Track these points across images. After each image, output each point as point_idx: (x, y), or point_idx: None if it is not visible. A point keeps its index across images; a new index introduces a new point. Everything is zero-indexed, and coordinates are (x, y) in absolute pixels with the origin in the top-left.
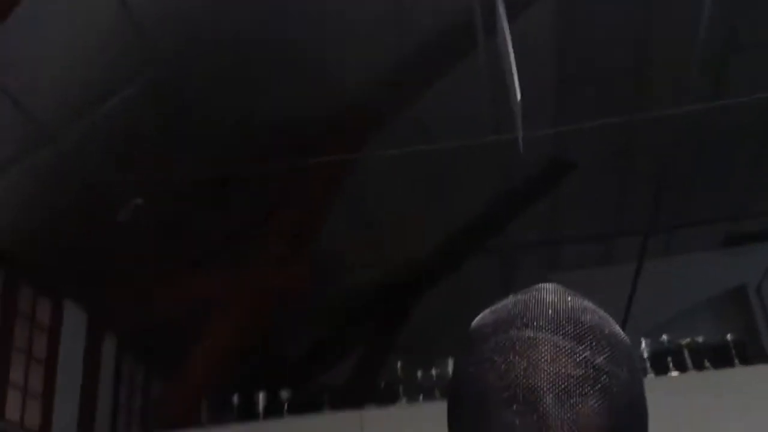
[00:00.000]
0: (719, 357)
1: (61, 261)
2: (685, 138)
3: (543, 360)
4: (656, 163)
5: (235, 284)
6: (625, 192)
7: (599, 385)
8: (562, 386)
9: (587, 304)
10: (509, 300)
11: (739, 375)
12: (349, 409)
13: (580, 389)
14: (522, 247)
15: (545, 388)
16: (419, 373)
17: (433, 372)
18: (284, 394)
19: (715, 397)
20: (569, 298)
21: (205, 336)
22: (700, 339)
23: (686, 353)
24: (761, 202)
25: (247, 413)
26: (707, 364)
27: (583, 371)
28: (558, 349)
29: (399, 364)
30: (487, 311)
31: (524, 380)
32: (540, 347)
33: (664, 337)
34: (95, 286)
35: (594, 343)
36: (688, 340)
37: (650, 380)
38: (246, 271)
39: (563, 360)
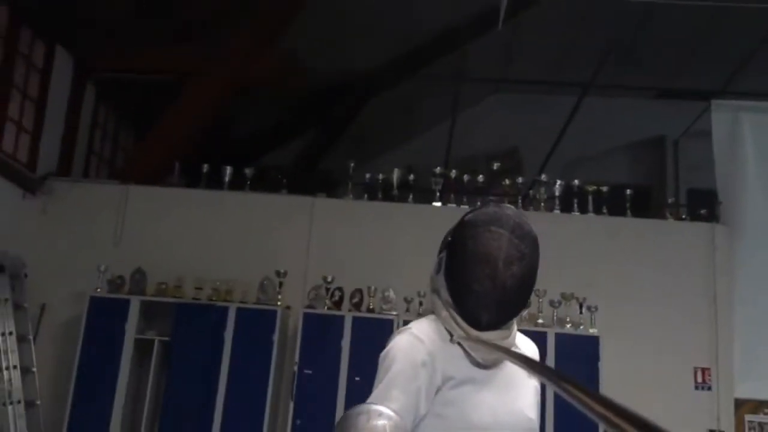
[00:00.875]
0: (616, 205)
1: (57, 7)
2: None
3: (510, 246)
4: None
5: (208, 62)
6: (575, 43)
7: (524, 258)
8: (513, 255)
9: (525, 219)
10: (490, 209)
11: (629, 223)
12: (302, 194)
13: (518, 258)
14: (472, 80)
15: (505, 255)
16: (367, 175)
17: (380, 176)
18: (248, 172)
19: (605, 238)
20: (520, 216)
21: (177, 105)
22: (604, 188)
23: (590, 198)
24: (700, 63)
25: (214, 183)
26: (604, 210)
27: (518, 252)
28: (510, 241)
29: (351, 164)
30: (476, 211)
31: (503, 251)
32: (508, 240)
33: (576, 181)
34: (85, 36)
35: (525, 239)
36: (594, 187)
37: (555, 216)
38: (219, 51)
39: (512, 245)
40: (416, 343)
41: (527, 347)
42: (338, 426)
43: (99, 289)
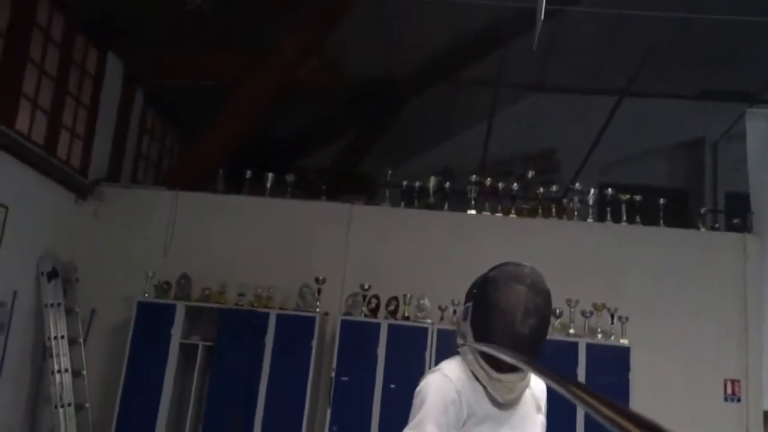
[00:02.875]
0: (651, 211)
1: (109, 14)
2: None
3: (528, 300)
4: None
5: (255, 68)
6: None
7: (540, 311)
8: (530, 309)
9: (541, 277)
10: (511, 267)
11: (661, 233)
12: (342, 201)
13: (534, 311)
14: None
15: (524, 309)
16: (404, 183)
17: (416, 184)
18: (289, 178)
19: (637, 248)
20: (536, 274)
21: (224, 113)
22: (637, 197)
23: (623, 207)
24: (741, 63)
25: (256, 188)
26: (638, 219)
27: (534, 306)
28: (528, 296)
29: (389, 171)
30: (498, 268)
31: (521, 305)
32: (526, 295)
33: (610, 190)
34: (135, 43)
35: (540, 294)
36: (627, 196)
37: (589, 225)
38: (266, 57)
39: (530, 300)
40: (447, 382)
41: (536, 383)
42: None
43: (146, 294)
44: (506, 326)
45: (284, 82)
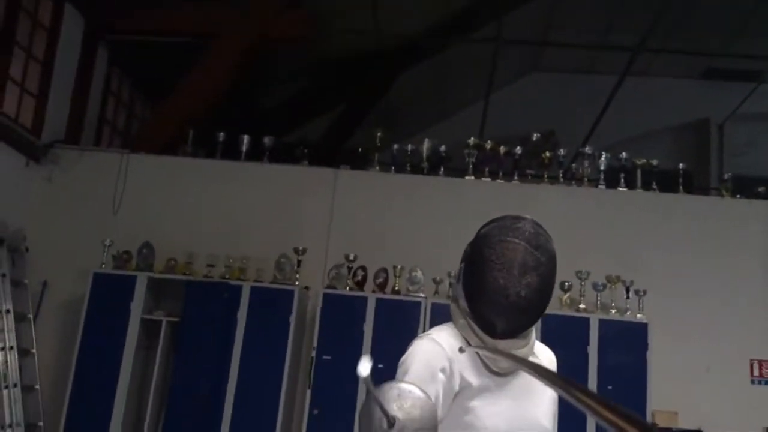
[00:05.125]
0: (667, 182)
1: None
2: None
3: (527, 256)
4: None
5: (233, 21)
6: (621, 9)
7: (540, 267)
8: (529, 265)
9: (543, 231)
10: (508, 221)
11: (681, 201)
12: (325, 166)
13: (533, 267)
14: (510, 43)
15: (521, 265)
16: (395, 146)
17: (408, 147)
18: (267, 141)
19: (655, 216)
20: (536, 227)
21: (198, 67)
22: (654, 162)
23: (638, 173)
24: (748, 42)
25: (230, 153)
26: (654, 186)
27: (534, 262)
28: (526, 250)
29: (378, 133)
30: (493, 222)
31: (517, 262)
32: (524, 251)
33: (624, 154)
34: None
35: (541, 250)
36: (643, 161)
37: (600, 191)
38: (244, 9)
39: (528, 255)
40: (437, 348)
41: (544, 356)
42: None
43: (104, 265)
44: (501, 284)
45: (264, 37)
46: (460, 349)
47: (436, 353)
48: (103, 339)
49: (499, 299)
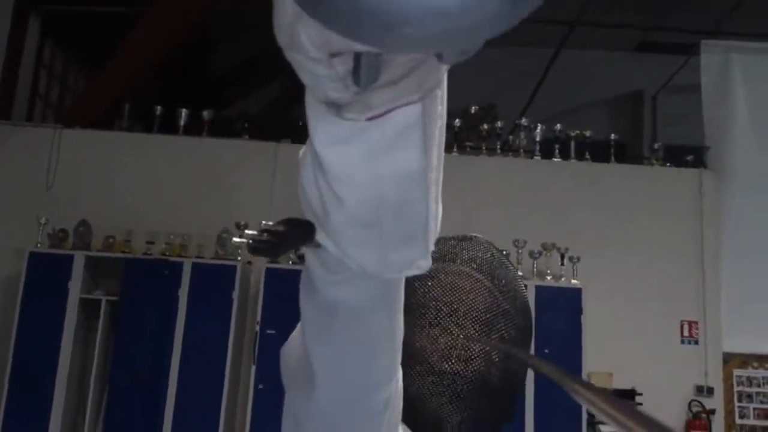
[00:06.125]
0: (600, 152)
1: None
2: None
3: (465, 287)
4: None
5: None
6: None
7: (508, 322)
8: (492, 312)
9: (507, 263)
10: (451, 240)
11: (613, 170)
12: (266, 140)
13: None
14: None
15: (464, 308)
16: None
17: None
18: (206, 114)
19: (588, 185)
20: (499, 257)
21: (134, 36)
22: (587, 133)
23: (572, 144)
24: (679, 17)
25: (168, 127)
26: (587, 156)
27: (487, 307)
28: (477, 282)
29: None
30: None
31: (448, 297)
32: (467, 279)
33: (558, 126)
34: None
35: (508, 294)
36: (577, 132)
37: (536, 162)
38: None
39: (480, 290)
40: None
41: None
42: None
43: (39, 244)
44: (439, 350)
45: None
46: None
47: None
48: (40, 320)
49: (440, 376)
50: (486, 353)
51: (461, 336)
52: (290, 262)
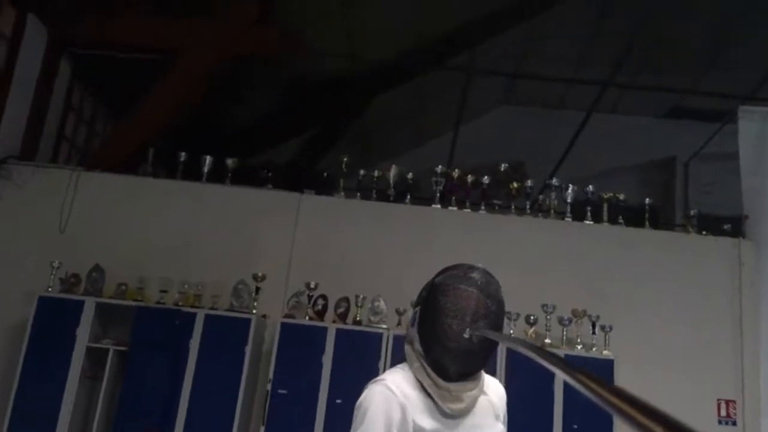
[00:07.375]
0: (633, 216)
1: None
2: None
3: (479, 304)
4: (630, 21)
5: (201, 36)
6: (593, 43)
7: (490, 315)
8: (480, 312)
9: (493, 280)
10: (462, 269)
11: (647, 235)
12: (289, 190)
13: (485, 315)
14: (484, 73)
15: (473, 312)
16: (361, 172)
17: (375, 173)
18: (230, 163)
19: (621, 250)
20: (488, 277)
21: (162, 83)
22: (621, 196)
23: (605, 206)
24: (713, 82)
25: (191, 173)
26: (620, 220)
27: (485, 309)
28: (478, 298)
29: (344, 159)
30: (448, 271)
31: (470, 309)
32: (476, 298)
33: (590, 187)
34: (62, 5)
35: (492, 298)
36: (610, 194)
37: (567, 223)
38: (213, 24)
39: (480, 303)
40: (389, 395)
41: (493, 390)
42: None
43: (50, 288)
44: (454, 330)
45: (232, 54)
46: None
47: (390, 402)
48: (45, 367)
49: (452, 345)
50: (477, 335)
51: (463, 324)
52: (307, 318)
